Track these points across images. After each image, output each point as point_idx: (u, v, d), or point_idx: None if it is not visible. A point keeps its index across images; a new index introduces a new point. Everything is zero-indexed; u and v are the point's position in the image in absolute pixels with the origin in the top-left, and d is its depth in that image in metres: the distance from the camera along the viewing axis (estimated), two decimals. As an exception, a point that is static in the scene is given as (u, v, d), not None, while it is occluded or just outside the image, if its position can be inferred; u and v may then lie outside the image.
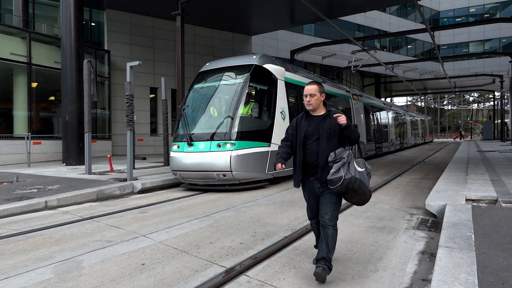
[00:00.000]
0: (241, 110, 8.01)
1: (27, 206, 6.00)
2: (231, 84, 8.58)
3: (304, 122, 3.22)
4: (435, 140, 50.96)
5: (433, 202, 5.36)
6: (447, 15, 44.94)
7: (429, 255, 3.70)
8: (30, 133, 13.20)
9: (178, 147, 8.23)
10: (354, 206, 6.19)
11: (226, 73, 8.93)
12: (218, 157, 7.60)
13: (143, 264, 3.55)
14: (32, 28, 16.80)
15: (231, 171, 7.63)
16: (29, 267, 3.52)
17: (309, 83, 3.22)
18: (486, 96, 66.47)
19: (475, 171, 8.89)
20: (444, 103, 76.23)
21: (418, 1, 14.19)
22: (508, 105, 37.28)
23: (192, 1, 12.29)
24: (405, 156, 19.17)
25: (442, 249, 3.21)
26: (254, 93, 8.65)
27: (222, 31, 22.59)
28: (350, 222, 5.06)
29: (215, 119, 8.26)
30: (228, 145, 7.66)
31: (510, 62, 26.92)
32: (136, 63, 8.73)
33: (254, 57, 8.99)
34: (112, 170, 10.34)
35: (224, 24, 21.82)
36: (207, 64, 9.71)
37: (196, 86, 9.13)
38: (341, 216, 5.45)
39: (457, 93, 58.24)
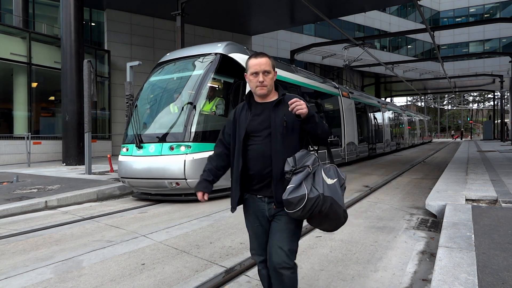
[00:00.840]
0: (201, 107, 6.94)
1: (27, 206, 6.00)
2: (190, 76, 7.46)
3: (245, 114, 2.17)
4: (434, 140, 50.94)
5: (433, 202, 5.36)
6: (447, 15, 44.97)
7: (429, 255, 3.70)
8: (30, 133, 13.20)
9: (127, 149, 7.15)
10: (355, 206, 6.21)
11: (186, 64, 7.82)
12: (170, 162, 6.49)
13: (143, 264, 3.55)
14: (32, 28, 16.80)
15: (185, 179, 6.43)
16: (29, 267, 3.52)
17: (256, 55, 2.15)
18: (486, 96, 66.53)
19: (475, 171, 8.89)
20: (444, 103, 76.27)
21: (418, 1, 14.19)
22: (508, 105, 37.29)
23: (192, 1, 12.30)
24: (405, 156, 19.17)
25: (442, 249, 3.21)
26: (217, 86, 7.52)
27: (222, 31, 22.60)
28: (350, 222, 5.06)
29: (170, 117, 7.14)
30: (183, 148, 6.56)
31: (510, 62, 26.93)
32: (136, 63, 8.74)
33: (220, 45, 7.82)
34: (112, 170, 10.34)
35: (224, 24, 21.82)
36: (168, 54, 8.66)
37: (152, 79, 8.08)
38: (341, 216, 5.45)
39: (457, 93, 58.28)
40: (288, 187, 1.91)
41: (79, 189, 7.21)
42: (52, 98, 16.76)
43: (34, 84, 15.17)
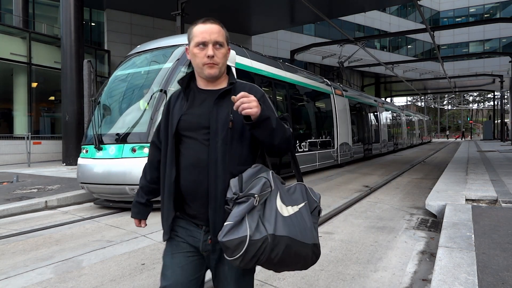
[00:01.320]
0: None
1: (27, 206, 5.99)
2: (159, 70, 6.70)
3: (181, 102, 1.57)
4: (434, 140, 50.91)
5: (433, 202, 5.37)
6: (447, 15, 45.01)
7: (429, 255, 3.71)
8: (30, 133, 13.20)
9: (87, 151, 6.43)
10: (355, 206, 6.21)
11: (155, 56, 7.13)
12: (132, 166, 5.74)
13: (143, 264, 3.55)
14: (32, 28, 16.81)
15: None
16: (29, 267, 3.52)
17: (204, 21, 1.55)
18: (486, 96, 66.59)
19: (475, 171, 8.89)
20: (444, 103, 76.32)
21: (418, 1, 14.20)
22: (508, 105, 37.32)
23: (192, 1, 12.31)
24: (405, 156, 19.17)
25: (442, 249, 3.21)
26: None
27: (222, 31, 22.60)
28: (350, 222, 5.06)
29: (134, 114, 6.43)
30: (146, 150, 5.77)
31: (510, 62, 26.95)
32: (136, 63, 8.71)
33: None
34: (112, 170, 10.32)
35: (224, 24, 21.16)
36: (138, 46, 8.01)
37: (118, 73, 7.40)
38: (341, 216, 5.46)
39: (457, 93, 58.34)
40: (225, 223, 1.32)
41: (79, 189, 7.20)
42: (52, 98, 16.76)
43: (34, 84, 15.17)
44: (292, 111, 10.01)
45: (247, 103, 1.33)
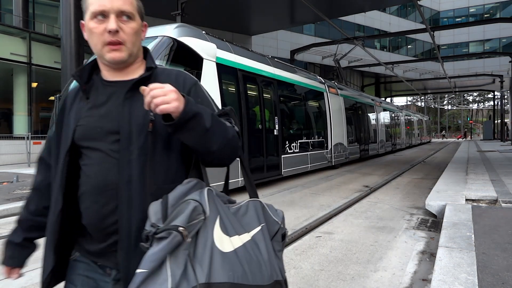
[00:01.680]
0: None
1: (27, 206, 5.99)
2: None
3: (79, 103, 1.13)
4: (434, 140, 50.90)
5: (433, 202, 5.37)
6: (447, 15, 45.07)
7: (429, 255, 3.71)
8: (30, 133, 13.21)
9: None
10: (355, 206, 6.21)
11: None
12: None
13: (143, 264, 3.54)
14: (32, 28, 16.81)
15: None
16: (29, 267, 3.50)
17: None
18: (485, 96, 66.65)
19: (475, 171, 8.90)
20: (444, 103, 76.37)
21: (418, 1, 14.21)
22: (508, 105, 37.33)
23: (192, 1, 12.31)
24: (405, 156, 19.18)
25: (442, 249, 3.21)
26: None
27: (222, 31, 22.61)
28: (350, 222, 5.07)
29: None
30: None
31: (510, 62, 26.95)
32: (136, 63, 8.71)
33: (169, 26, 6.59)
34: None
35: (224, 24, 21.84)
36: None
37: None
38: (341, 216, 5.47)
39: (457, 93, 58.37)
40: (137, 271, 0.87)
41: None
42: (52, 98, 16.75)
43: (34, 84, 15.18)
44: (282, 110, 9.69)
45: (162, 96, 0.91)
